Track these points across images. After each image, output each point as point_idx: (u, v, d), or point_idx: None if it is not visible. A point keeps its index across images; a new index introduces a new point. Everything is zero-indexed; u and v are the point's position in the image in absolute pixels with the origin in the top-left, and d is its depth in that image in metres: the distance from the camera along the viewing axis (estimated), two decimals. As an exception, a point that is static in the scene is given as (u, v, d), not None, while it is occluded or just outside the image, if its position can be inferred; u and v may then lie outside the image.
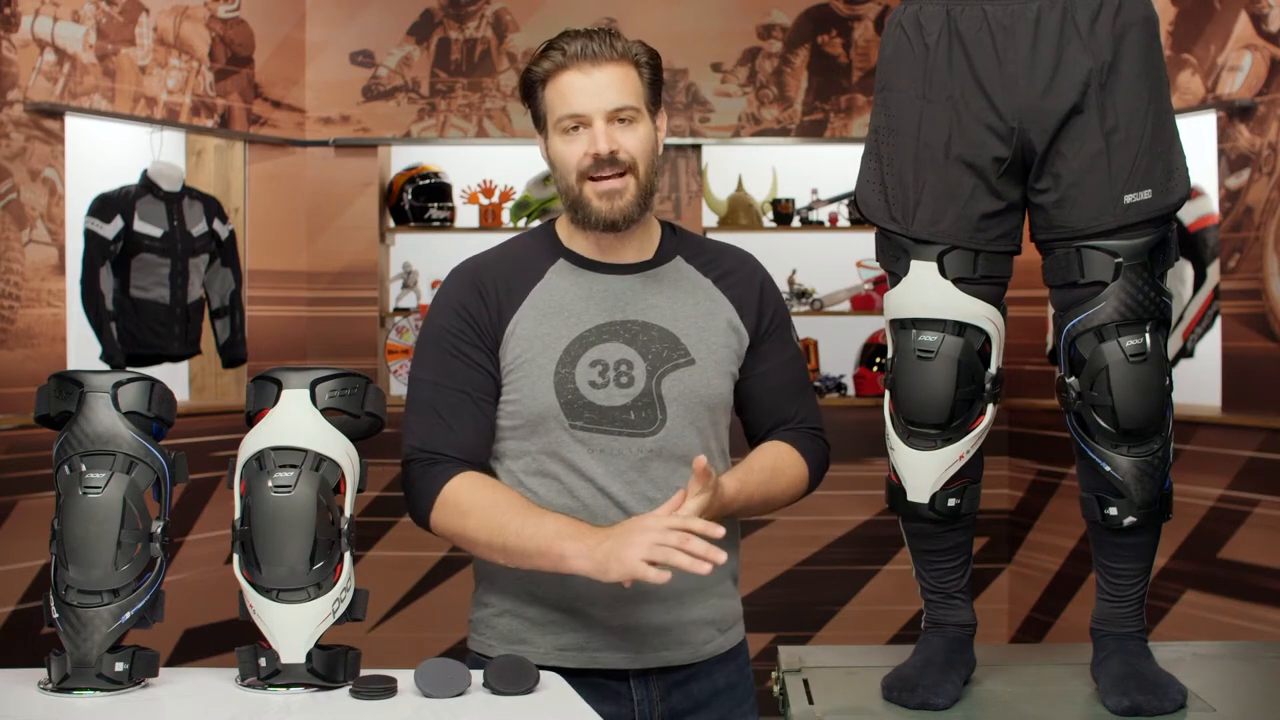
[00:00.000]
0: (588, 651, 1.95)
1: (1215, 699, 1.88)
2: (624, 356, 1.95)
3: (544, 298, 1.97)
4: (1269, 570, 4.08)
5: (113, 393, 1.79)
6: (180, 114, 4.75)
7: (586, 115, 1.92)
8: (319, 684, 1.75)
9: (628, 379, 1.94)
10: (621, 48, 1.94)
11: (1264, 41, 4.11)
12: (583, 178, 1.94)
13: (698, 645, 1.99)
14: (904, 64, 1.92)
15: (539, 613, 1.96)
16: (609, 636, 1.94)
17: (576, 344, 1.95)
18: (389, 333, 5.24)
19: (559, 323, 1.95)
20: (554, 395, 1.93)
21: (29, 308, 4.22)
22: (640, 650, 1.95)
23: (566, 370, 1.93)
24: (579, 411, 1.93)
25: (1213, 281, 4.39)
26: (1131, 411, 1.86)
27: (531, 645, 1.96)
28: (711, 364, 1.99)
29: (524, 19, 5.18)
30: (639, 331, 1.96)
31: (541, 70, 1.96)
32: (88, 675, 1.72)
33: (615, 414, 1.93)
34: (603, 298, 1.98)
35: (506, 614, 1.99)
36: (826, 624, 5.03)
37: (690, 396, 1.96)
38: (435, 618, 4.99)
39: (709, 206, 5.25)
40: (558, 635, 1.95)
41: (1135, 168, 1.85)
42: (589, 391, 1.93)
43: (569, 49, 1.94)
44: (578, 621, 1.94)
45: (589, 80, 1.92)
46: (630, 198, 1.94)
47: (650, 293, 1.99)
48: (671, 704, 1.98)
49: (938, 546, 2.00)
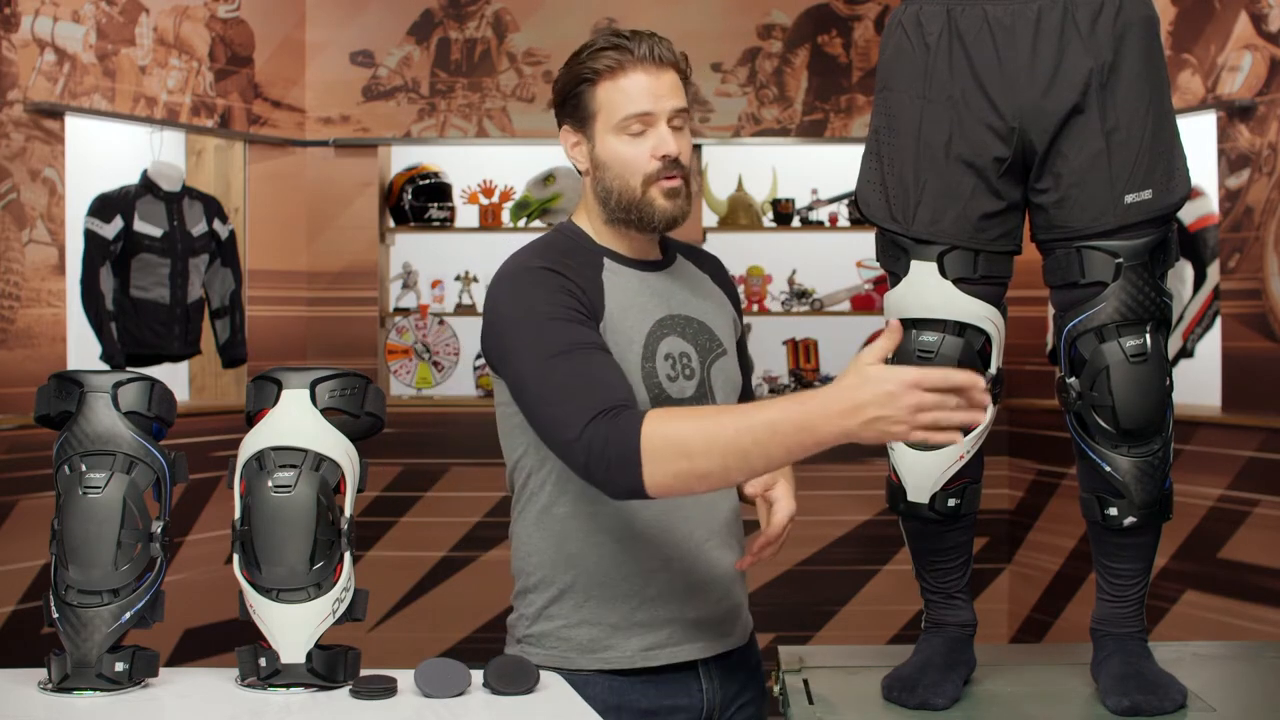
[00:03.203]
0: (668, 648, 1.95)
1: (1215, 699, 1.88)
2: (683, 349, 1.97)
3: (614, 292, 1.95)
4: (1269, 570, 4.08)
5: (113, 393, 1.79)
6: (180, 114, 4.75)
7: (655, 115, 1.91)
8: (319, 684, 1.75)
9: (690, 370, 1.97)
10: (675, 53, 1.96)
11: (1264, 41, 4.11)
12: (649, 181, 1.92)
13: (746, 627, 2.05)
14: (904, 64, 1.92)
15: (620, 618, 1.94)
16: (686, 630, 1.96)
17: (651, 337, 1.96)
18: (389, 333, 5.24)
19: (632, 317, 1.95)
20: (644, 389, 1.92)
21: (29, 308, 4.22)
22: (712, 639, 1.98)
23: (650, 365, 1.94)
24: (661, 403, 1.93)
25: (1213, 281, 4.39)
26: (1132, 411, 1.86)
27: (617, 650, 1.94)
28: (733, 352, 2.06)
29: (524, 19, 5.18)
30: (685, 324, 2.00)
31: (601, 66, 1.92)
32: (88, 675, 1.72)
33: (687, 404, 1.96)
34: (653, 293, 1.99)
35: (584, 624, 1.95)
36: (826, 624, 5.03)
37: (729, 384, 2.02)
38: (435, 618, 4.99)
39: (709, 206, 5.25)
40: (641, 637, 1.95)
41: (1136, 168, 1.85)
42: (668, 384, 1.94)
43: (635, 49, 1.91)
44: (658, 621, 1.95)
45: (657, 82, 1.92)
46: (686, 197, 1.96)
47: (679, 288, 2.03)
48: (728, 690, 2.01)
49: (938, 546, 2.00)
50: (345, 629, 1.80)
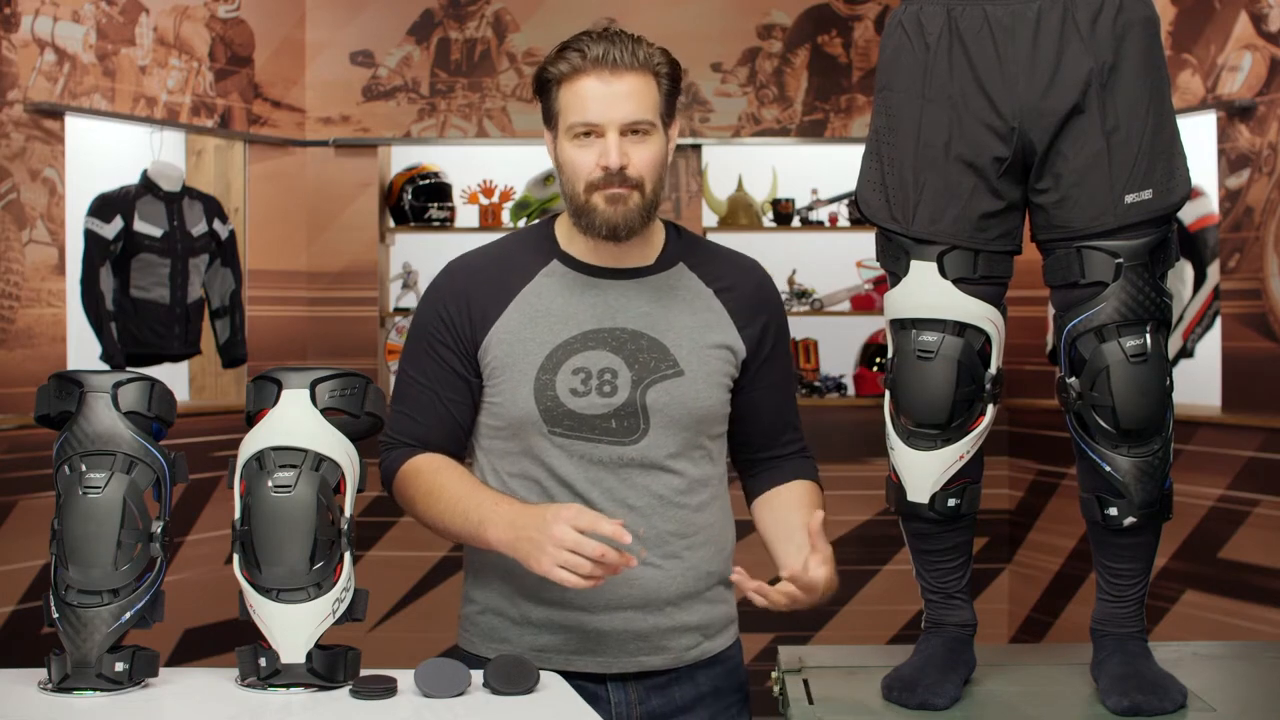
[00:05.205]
0: (564, 654, 1.95)
1: (1215, 699, 1.88)
2: (609, 365, 1.93)
3: (531, 301, 1.97)
4: (1269, 570, 4.08)
5: (113, 393, 1.79)
6: (180, 114, 4.74)
7: (600, 126, 1.89)
8: (319, 684, 1.75)
9: (611, 388, 1.93)
10: (643, 56, 1.91)
11: (1264, 41, 4.11)
12: (591, 188, 1.91)
13: (679, 652, 1.98)
14: (904, 64, 1.92)
15: (520, 613, 1.96)
16: (586, 640, 1.94)
17: (560, 350, 1.94)
18: (389, 333, 5.24)
19: (544, 327, 1.95)
20: (533, 401, 1.92)
21: (29, 308, 4.22)
22: (617, 655, 1.95)
23: (547, 377, 1.93)
24: (558, 418, 1.92)
25: (1213, 281, 4.39)
26: (1132, 412, 1.86)
27: (510, 645, 1.96)
28: (702, 376, 1.97)
29: (524, 19, 5.18)
30: (627, 340, 1.95)
31: (559, 71, 1.92)
32: (88, 675, 1.72)
33: (595, 422, 1.93)
34: (593, 304, 1.96)
35: (489, 612, 2.00)
36: (826, 624, 5.03)
37: (677, 408, 1.95)
38: (435, 618, 4.99)
39: (709, 206, 5.25)
40: (535, 636, 1.95)
41: (1136, 168, 1.85)
42: (569, 399, 1.92)
43: (590, 52, 1.89)
44: (556, 624, 1.94)
45: (607, 89, 1.89)
46: (634, 207, 1.92)
47: (645, 300, 1.98)
48: (650, 707, 1.98)
49: (938, 546, 2.00)
50: (345, 629, 1.80)
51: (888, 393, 1.98)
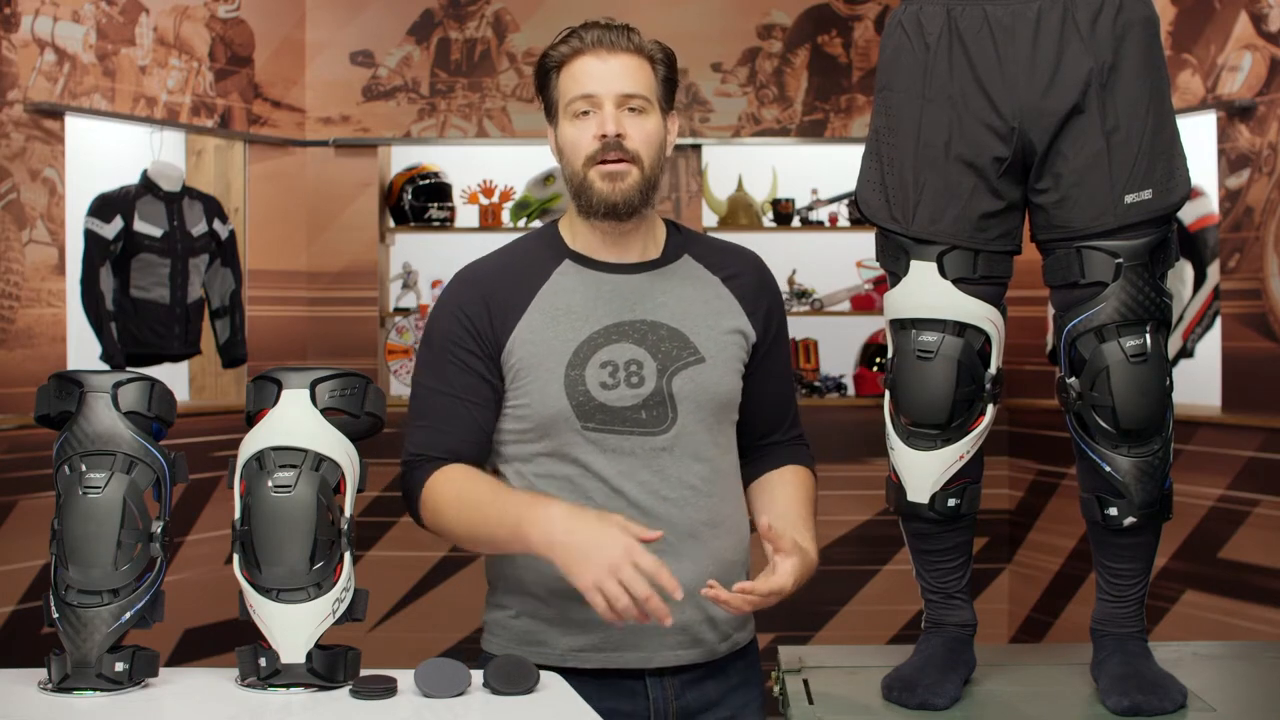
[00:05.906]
0: (604, 652, 1.95)
1: (1215, 699, 1.88)
2: (633, 356, 1.95)
3: (551, 300, 1.97)
4: (1269, 570, 4.08)
5: (113, 393, 1.79)
6: (180, 114, 4.75)
7: (598, 96, 1.93)
8: (319, 684, 1.75)
9: (638, 379, 1.94)
10: (638, 41, 1.96)
11: (1264, 41, 4.11)
12: (589, 162, 1.93)
13: (712, 645, 1.99)
14: (904, 64, 1.92)
15: (555, 614, 1.96)
16: (624, 636, 1.94)
17: (586, 345, 1.95)
18: (389, 333, 5.24)
19: (567, 325, 1.96)
20: (565, 398, 1.93)
21: (29, 308, 4.22)
22: (656, 650, 1.96)
23: (577, 372, 1.94)
24: (590, 413, 1.93)
25: (1213, 281, 4.39)
26: (1132, 412, 1.86)
27: (549, 646, 1.96)
28: (722, 361, 1.99)
29: (524, 19, 5.18)
30: (648, 331, 1.97)
31: (558, 55, 1.96)
32: (88, 675, 1.72)
33: (626, 414, 1.94)
34: (610, 297, 1.98)
35: (523, 616, 1.98)
36: (826, 624, 5.03)
37: (701, 394, 1.97)
38: (435, 618, 4.99)
39: (709, 206, 5.25)
40: (574, 637, 1.95)
41: (1136, 168, 1.85)
42: (600, 393, 1.93)
43: (587, 36, 1.95)
44: (593, 622, 1.93)
45: (604, 65, 1.93)
46: (633, 182, 1.94)
47: (658, 291, 2.00)
48: (686, 702, 1.99)
49: (938, 546, 2.00)
50: (345, 629, 1.80)
51: (887, 393, 1.98)
